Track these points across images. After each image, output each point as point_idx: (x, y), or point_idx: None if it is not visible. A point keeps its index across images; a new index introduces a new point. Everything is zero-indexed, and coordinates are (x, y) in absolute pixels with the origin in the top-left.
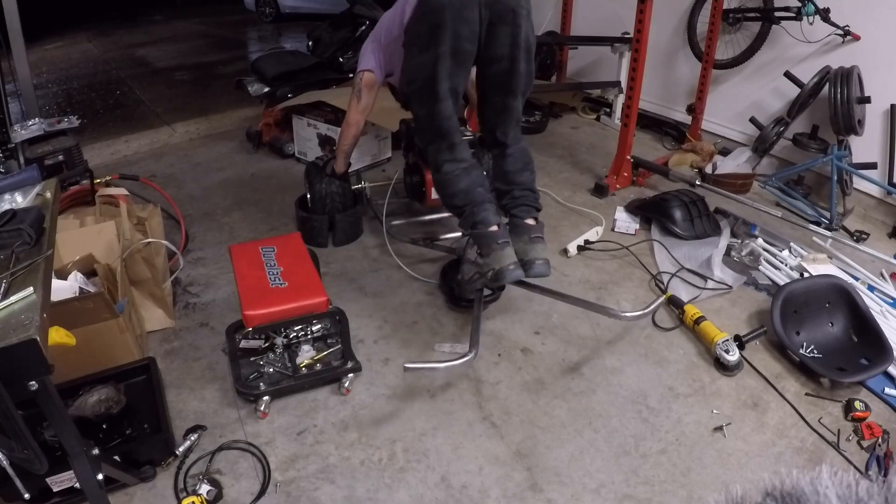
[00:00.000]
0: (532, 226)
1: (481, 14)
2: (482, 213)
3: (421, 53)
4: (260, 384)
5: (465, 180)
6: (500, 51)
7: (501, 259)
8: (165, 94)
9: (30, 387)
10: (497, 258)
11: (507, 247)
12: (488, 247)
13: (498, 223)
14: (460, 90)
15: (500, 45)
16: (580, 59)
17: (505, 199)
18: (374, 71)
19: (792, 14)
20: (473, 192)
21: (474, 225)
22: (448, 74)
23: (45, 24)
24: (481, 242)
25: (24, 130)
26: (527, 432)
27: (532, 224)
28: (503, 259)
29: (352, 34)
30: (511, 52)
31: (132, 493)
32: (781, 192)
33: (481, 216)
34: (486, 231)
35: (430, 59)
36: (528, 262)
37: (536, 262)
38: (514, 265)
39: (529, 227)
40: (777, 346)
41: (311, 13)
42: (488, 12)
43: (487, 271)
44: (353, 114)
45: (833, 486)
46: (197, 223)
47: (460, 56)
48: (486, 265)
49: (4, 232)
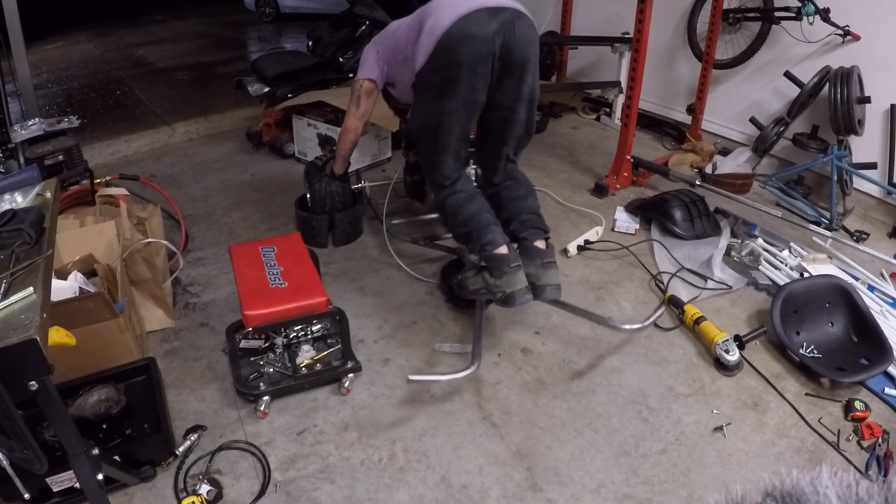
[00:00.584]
0: (543, 250)
1: (493, 67)
2: (488, 234)
3: (433, 102)
4: (260, 384)
5: (469, 207)
6: (504, 101)
7: (513, 283)
8: (165, 94)
9: (30, 387)
10: (509, 282)
11: (519, 271)
12: (500, 269)
13: (506, 243)
14: (469, 134)
15: (504, 96)
16: (580, 59)
17: (512, 226)
18: (375, 81)
19: (792, 14)
20: (479, 216)
21: (483, 247)
22: (459, 125)
23: (45, 24)
24: (493, 265)
25: (24, 130)
26: (527, 432)
27: (543, 248)
28: (515, 283)
29: (352, 34)
30: (512, 103)
31: (132, 493)
32: (781, 192)
33: (488, 237)
34: (497, 253)
35: (442, 109)
36: (540, 287)
37: (548, 288)
38: (525, 289)
39: (541, 252)
40: (777, 346)
41: (311, 13)
42: (500, 65)
43: (498, 293)
44: (352, 120)
45: (833, 486)
46: (197, 223)
47: (472, 107)
48: (498, 288)
49: (4, 232)
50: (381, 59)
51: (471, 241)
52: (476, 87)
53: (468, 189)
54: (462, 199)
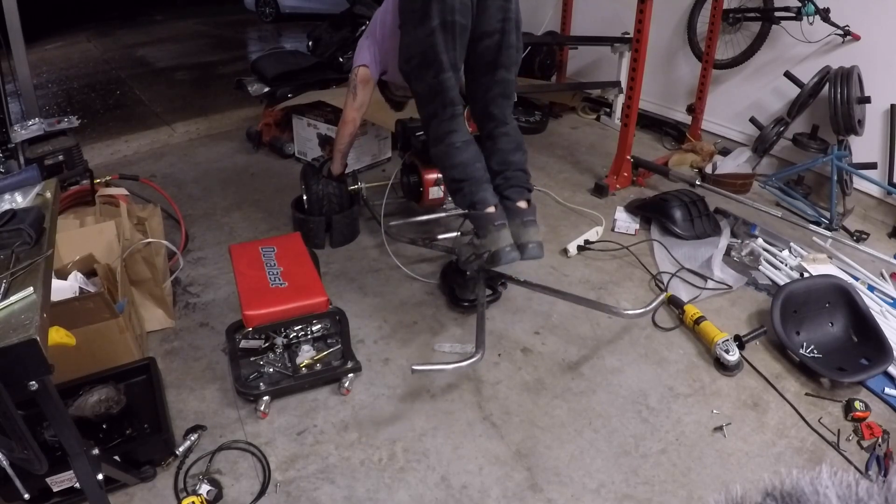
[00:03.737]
0: (524, 209)
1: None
2: (480, 192)
3: (415, 29)
4: (260, 384)
5: (465, 153)
6: (492, 25)
7: (498, 241)
8: (165, 94)
9: (30, 387)
10: (493, 240)
11: (504, 229)
12: (485, 228)
13: (495, 204)
14: (459, 65)
15: (491, 19)
16: (580, 59)
17: (497, 180)
18: (368, 66)
19: (792, 14)
20: (473, 166)
21: (472, 205)
22: (445, 47)
23: (45, 24)
24: (478, 224)
25: (24, 130)
26: (527, 432)
27: (524, 207)
28: (500, 241)
29: (352, 34)
30: (502, 25)
31: (132, 493)
32: (781, 192)
33: (479, 196)
34: (484, 212)
35: (426, 32)
36: (521, 245)
37: (529, 246)
38: (510, 247)
39: (522, 211)
40: (777, 346)
41: (311, 13)
42: None
43: (483, 252)
44: (350, 111)
45: (833, 486)
46: (197, 223)
47: (455, 29)
48: (483, 246)
49: (4, 232)
50: (371, 43)
51: (461, 193)
52: (453, 5)
53: (467, 133)
54: (460, 143)
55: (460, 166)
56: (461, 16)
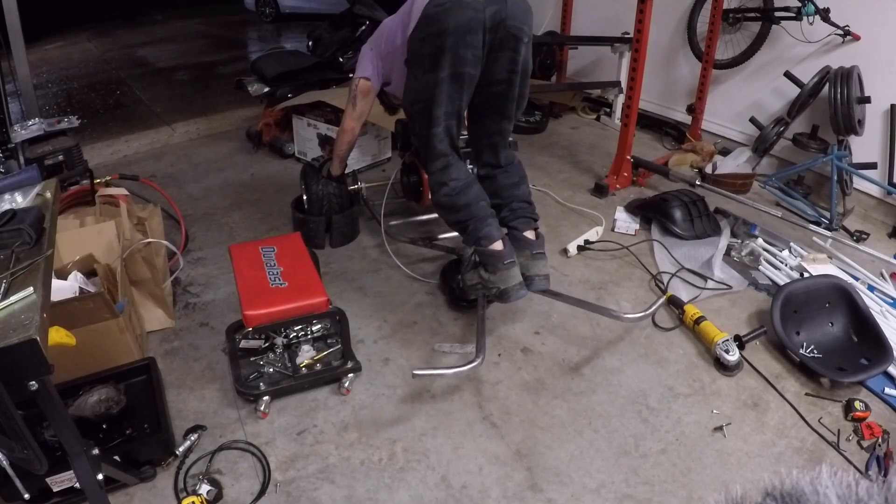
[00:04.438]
0: (533, 241)
1: (485, 39)
2: (485, 228)
3: (423, 75)
4: (260, 384)
5: (465, 196)
6: (499, 75)
7: (507, 279)
8: (165, 94)
9: (30, 387)
10: (503, 278)
11: (514, 267)
12: (494, 266)
13: (501, 238)
14: (462, 112)
15: (499, 69)
16: (580, 59)
17: (503, 212)
18: (371, 79)
19: (792, 14)
20: (475, 206)
21: (478, 241)
22: (449, 99)
23: (45, 24)
24: (487, 261)
25: (24, 130)
26: (527, 432)
27: (533, 239)
28: (509, 279)
29: (352, 34)
30: (509, 76)
31: (132, 493)
32: (781, 192)
33: (484, 232)
34: (493, 250)
35: (432, 82)
36: (529, 277)
37: (537, 279)
38: (519, 285)
39: (531, 243)
40: (777, 346)
41: (311, 13)
42: (491, 37)
43: (493, 289)
44: (349, 121)
45: (833, 486)
46: (197, 223)
47: (463, 80)
48: (492, 283)
49: (4, 232)
50: (375, 56)
51: (466, 232)
52: (465, 58)
53: (463, 177)
54: (459, 188)
55: (463, 210)
56: (472, 67)
